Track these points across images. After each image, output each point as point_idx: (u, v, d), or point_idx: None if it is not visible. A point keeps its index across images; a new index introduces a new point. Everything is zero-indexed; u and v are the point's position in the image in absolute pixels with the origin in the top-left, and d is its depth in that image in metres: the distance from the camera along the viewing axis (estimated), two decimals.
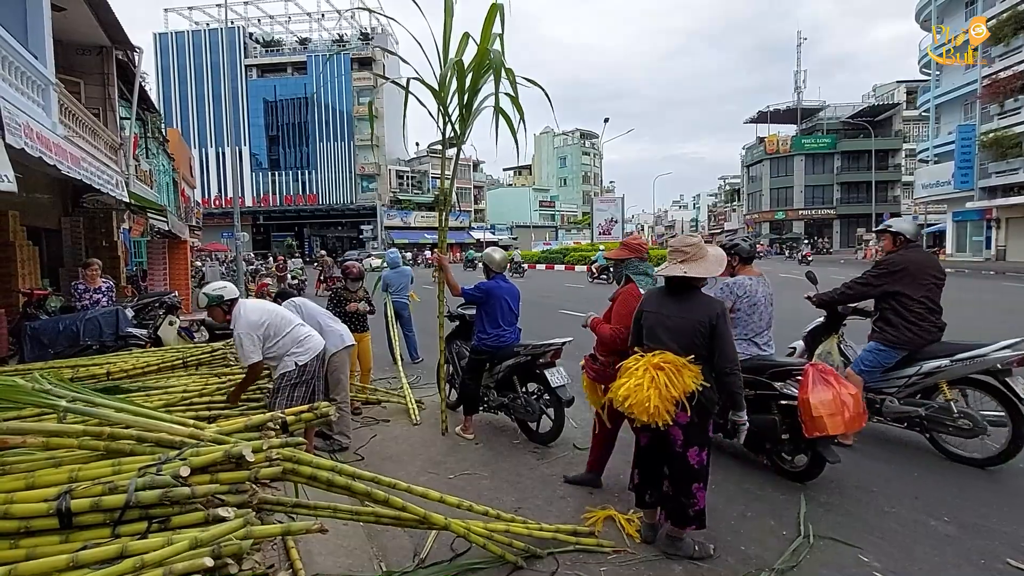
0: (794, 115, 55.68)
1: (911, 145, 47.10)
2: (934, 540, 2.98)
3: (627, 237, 3.71)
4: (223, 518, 1.81)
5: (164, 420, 2.39)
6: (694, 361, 2.70)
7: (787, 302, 7.32)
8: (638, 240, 3.73)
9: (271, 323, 3.72)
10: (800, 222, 52.87)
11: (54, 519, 1.74)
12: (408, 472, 3.95)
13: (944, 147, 33.14)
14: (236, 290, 3.86)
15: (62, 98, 7.84)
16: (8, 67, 6.20)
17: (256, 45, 53.75)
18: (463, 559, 2.79)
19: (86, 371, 4.40)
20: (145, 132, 16.33)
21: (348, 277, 6.01)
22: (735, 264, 4.04)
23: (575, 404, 4.54)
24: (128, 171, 11.35)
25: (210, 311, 3.84)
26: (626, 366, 2.86)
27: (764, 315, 3.94)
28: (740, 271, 4.05)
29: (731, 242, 4.09)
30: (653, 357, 2.75)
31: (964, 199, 30.59)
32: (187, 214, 24.27)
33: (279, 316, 3.84)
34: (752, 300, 3.90)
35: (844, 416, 3.34)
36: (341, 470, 2.47)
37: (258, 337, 3.63)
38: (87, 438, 2.11)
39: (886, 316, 4.05)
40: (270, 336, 3.70)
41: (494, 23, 4.21)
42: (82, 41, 10.66)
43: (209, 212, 46.14)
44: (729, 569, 2.75)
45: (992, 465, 3.80)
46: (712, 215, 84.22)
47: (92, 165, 6.64)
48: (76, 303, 6.39)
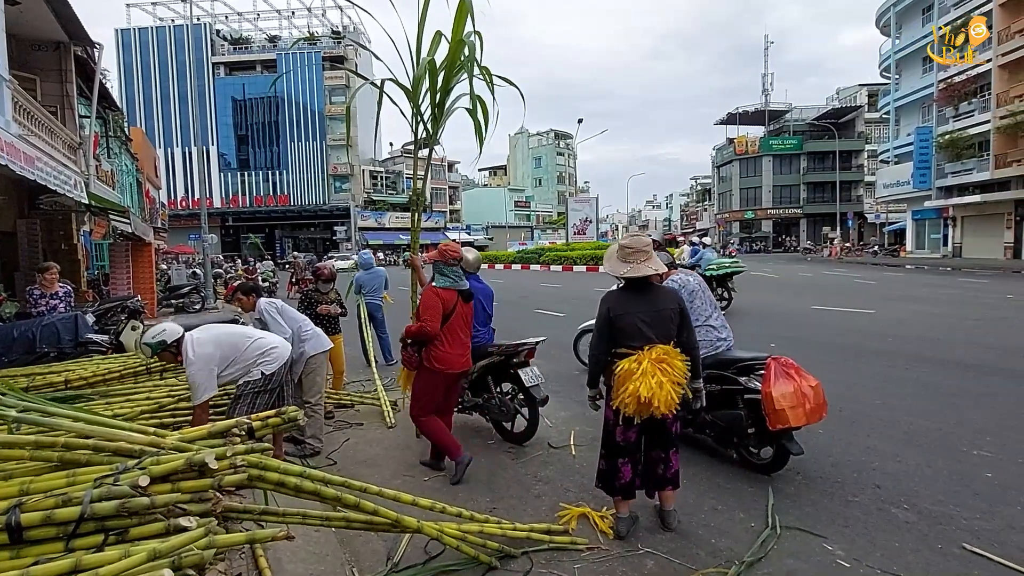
0: (762, 117, 57.02)
1: (873, 146, 48.70)
2: (895, 527, 3.08)
3: (441, 244, 4.03)
4: (184, 528, 1.76)
5: (123, 428, 2.31)
6: (674, 346, 2.95)
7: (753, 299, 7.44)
8: (448, 246, 3.97)
9: (225, 349, 3.56)
10: (769, 221, 54.16)
11: (3, 534, 1.66)
12: (382, 475, 3.91)
13: (904, 148, 34.36)
14: (178, 328, 3.59)
15: (16, 95, 7.53)
16: None
17: (224, 42, 52.47)
18: (437, 562, 2.77)
19: (43, 379, 4.24)
20: (106, 131, 15.79)
21: (320, 279, 5.92)
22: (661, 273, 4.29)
23: (549, 403, 4.55)
24: (88, 171, 10.97)
25: (160, 356, 3.57)
26: (629, 369, 2.86)
27: (704, 300, 4.14)
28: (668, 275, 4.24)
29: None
30: (650, 353, 2.88)
31: (922, 198, 31.76)
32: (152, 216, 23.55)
33: (233, 336, 3.69)
34: (689, 289, 4.10)
35: (805, 407, 3.44)
36: (310, 475, 2.42)
37: (214, 368, 3.47)
38: (39, 449, 2.03)
39: None
40: (226, 360, 3.55)
41: (465, 21, 4.20)
42: (38, 36, 10.26)
43: (176, 214, 44.90)
44: (700, 563, 2.79)
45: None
46: (684, 214, 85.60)
47: (48, 165, 6.39)
48: (32, 309, 6.14)
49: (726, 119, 58.09)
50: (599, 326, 3.05)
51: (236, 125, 50.81)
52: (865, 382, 6.03)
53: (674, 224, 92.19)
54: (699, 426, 4.08)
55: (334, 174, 50.72)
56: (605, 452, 3.14)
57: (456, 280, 3.89)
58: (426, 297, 3.85)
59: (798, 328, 8.13)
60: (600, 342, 3.05)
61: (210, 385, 3.46)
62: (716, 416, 3.90)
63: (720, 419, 3.87)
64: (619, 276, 3.05)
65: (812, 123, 52.86)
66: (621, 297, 3.07)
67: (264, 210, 50.54)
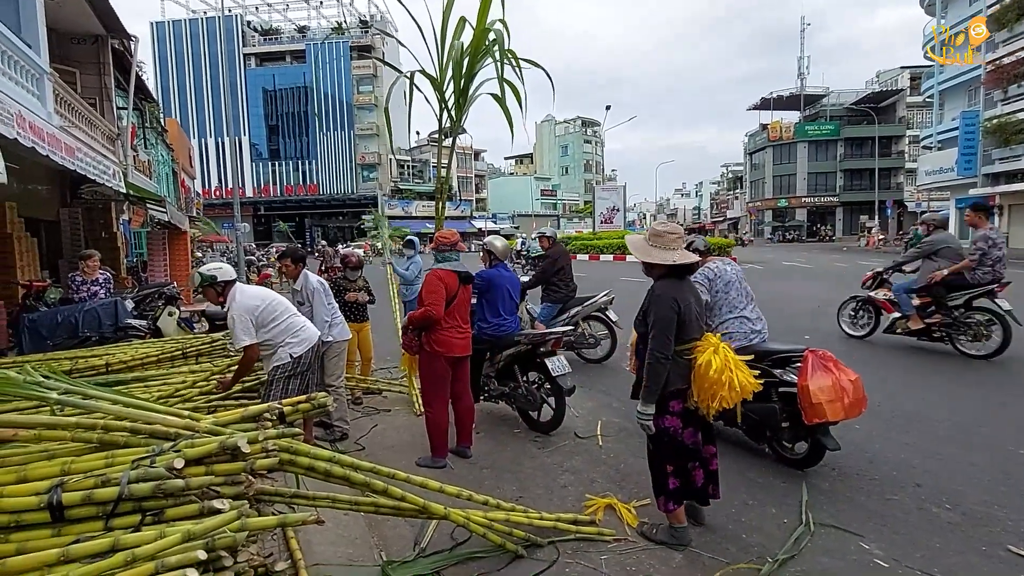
0: (797, 102, 55.14)
1: (915, 132, 46.66)
2: (936, 527, 2.96)
3: (437, 234, 4.12)
4: (218, 510, 1.79)
5: (159, 412, 2.37)
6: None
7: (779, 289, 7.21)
8: (442, 234, 4.05)
9: (266, 308, 3.64)
10: (803, 209, 52.59)
11: (45, 512, 1.71)
12: (409, 462, 3.94)
13: (948, 134, 32.82)
14: (232, 272, 3.77)
15: (57, 88, 7.77)
16: (1, 56, 6.13)
17: (254, 33, 53.28)
18: (463, 548, 2.78)
19: (85, 363, 4.38)
20: (143, 122, 16.19)
21: (348, 267, 5.97)
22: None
23: (576, 393, 4.51)
24: (126, 161, 11.28)
25: (204, 292, 3.73)
26: (718, 368, 2.69)
27: (741, 290, 4.00)
28: (701, 263, 4.11)
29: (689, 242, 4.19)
30: (711, 340, 2.81)
31: (967, 186, 30.35)
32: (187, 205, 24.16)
33: (276, 302, 3.77)
34: (725, 279, 3.97)
35: (844, 402, 3.32)
36: (339, 460, 2.45)
37: (252, 320, 3.56)
38: (80, 430, 2.09)
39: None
40: (265, 321, 3.63)
41: (488, 8, 4.15)
42: (77, 30, 10.53)
43: (209, 203, 46.00)
44: (730, 557, 2.73)
45: None
46: (715, 203, 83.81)
47: (88, 155, 6.58)
48: (74, 295, 6.37)
49: (759, 104, 56.35)
50: (665, 325, 2.70)
51: (267, 115, 51.72)
52: (903, 376, 5.82)
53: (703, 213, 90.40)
54: (731, 419, 3.99)
55: (362, 163, 51.22)
56: (674, 465, 2.81)
57: (453, 262, 3.97)
58: (429, 281, 3.87)
59: (833, 320, 7.89)
60: (669, 342, 2.71)
61: (247, 334, 3.53)
62: (749, 409, 3.78)
63: (753, 412, 3.76)
64: (670, 263, 2.79)
65: (850, 108, 50.89)
66: (677, 287, 2.80)
67: (294, 199, 51.45)
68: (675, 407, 2.78)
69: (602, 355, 6.81)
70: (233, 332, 3.57)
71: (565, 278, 6.75)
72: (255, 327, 3.58)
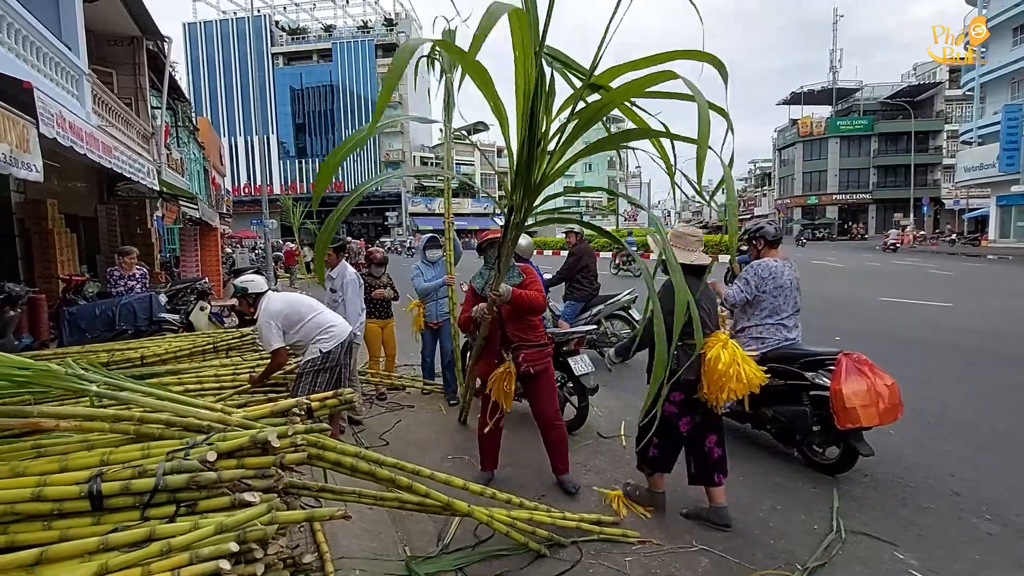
0: (829, 96, 53.62)
1: (953, 126, 44.96)
2: (975, 538, 2.86)
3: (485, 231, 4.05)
4: (249, 503, 1.82)
5: (192, 405, 2.43)
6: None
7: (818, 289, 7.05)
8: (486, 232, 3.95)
9: (290, 312, 3.80)
10: (834, 207, 51.17)
11: (86, 501, 1.77)
12: (432, 458, 3.97)
13: (989, 128, 31.54)
14: (263, 284, 3.95)
15: (95, 88, 8.01)
16: (42, 58, 6.34)
17: (282, 33, 54.19)
18: (486, 546, 2.79)
19: (121, 355, 4.51)
20: (176, 121, 16.63)
21: (372, 263, 6.03)
22: (760, 247, 3.99)
23: (599, 392, 4.47)
24: (160, 160, 11.60)
25: (238, 300, 3.95)
26: (726, 362, 2.86)
27: (790, 298, 3.84)
28: (765, 254, 3.95)
29: (757, 226, 4.05)
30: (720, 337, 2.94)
31: (1009, 182, 29.14)
32: (218, 202, 24.76)
33: (301, 304, 3.91)
34: (778, 282, 3.81)
35: (879, 407, 3.23)
36: (365, 456, 2.48)
37: (277, 325, 3.73)
38: (118, 422, 2.15)
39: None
40: (292, 323, 3.78)
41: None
42: (113, 32, 10.86)
43: (239, 200, 47.03)
44: (757, 563, 2.68)
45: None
46: (742, 200, 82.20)
47: (124, 154, 6.77)
48: (112, 289, 6.58)
49: (790, 99, 54.93)
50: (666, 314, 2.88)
51: (294, 114, 52.58)
52: (941, 381, 5.63)
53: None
54: (760, 422, 3.91)
55: (386, 160, 51.72)
56: (660, 439, 3.04)
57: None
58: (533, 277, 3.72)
59: (863, 321, 7.66)
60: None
61: (274, 339, 3.71)
62: (779, 412, 3.72)
63: (783, 415, 3.68)
64: (688, 263, 2.98)
65: (885, 102, 49.26)
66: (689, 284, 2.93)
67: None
68: (675, 397, 2.97)
69: None
70: (263, 337, 3.76)
71: (589, 276, 6.75)
72: (283, 330, 3.75)
